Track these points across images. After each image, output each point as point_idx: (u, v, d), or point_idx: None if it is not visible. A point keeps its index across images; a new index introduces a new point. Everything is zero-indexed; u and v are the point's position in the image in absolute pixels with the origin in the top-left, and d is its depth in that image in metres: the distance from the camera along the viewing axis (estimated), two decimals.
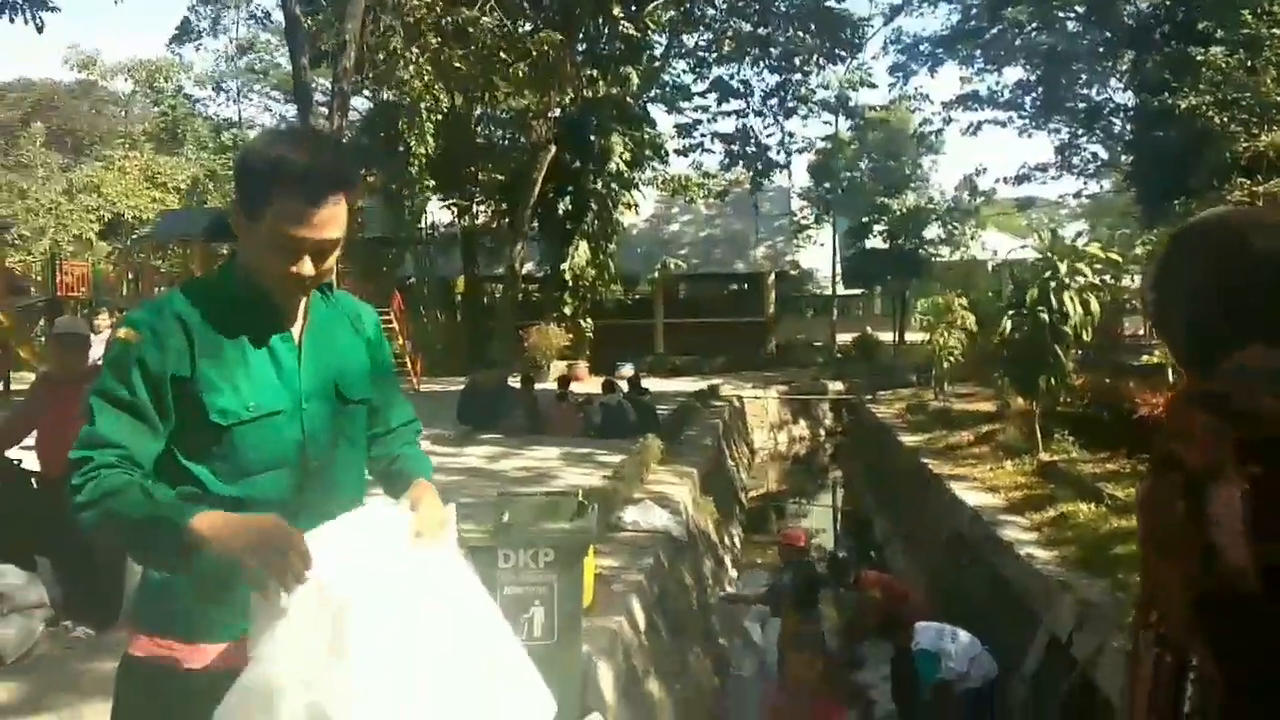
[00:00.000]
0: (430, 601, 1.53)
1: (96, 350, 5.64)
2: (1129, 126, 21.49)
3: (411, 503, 1.68)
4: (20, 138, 33.03)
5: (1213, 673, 1.11)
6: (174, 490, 1.55)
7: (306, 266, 1.60)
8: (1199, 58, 13.65)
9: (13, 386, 15.37)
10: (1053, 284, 9.20)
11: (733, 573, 9.61)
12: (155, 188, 30.88)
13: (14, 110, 35.92)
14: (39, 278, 20.81)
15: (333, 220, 1.59)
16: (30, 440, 4.73)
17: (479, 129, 22.88)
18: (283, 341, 1.67)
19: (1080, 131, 24.01)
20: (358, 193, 1.70)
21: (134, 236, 27.12)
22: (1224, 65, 13.32)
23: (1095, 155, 24.80)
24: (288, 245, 1.57)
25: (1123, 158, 22.77)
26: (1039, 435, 9.69)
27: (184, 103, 40.01)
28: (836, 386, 20.95)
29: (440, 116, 19.52)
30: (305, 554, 1.41)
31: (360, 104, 21.47)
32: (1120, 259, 10.66)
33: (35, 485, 4.67)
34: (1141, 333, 24.58)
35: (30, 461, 4.73)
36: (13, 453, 4.81)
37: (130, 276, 22.16)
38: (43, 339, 16.29)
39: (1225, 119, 12.95)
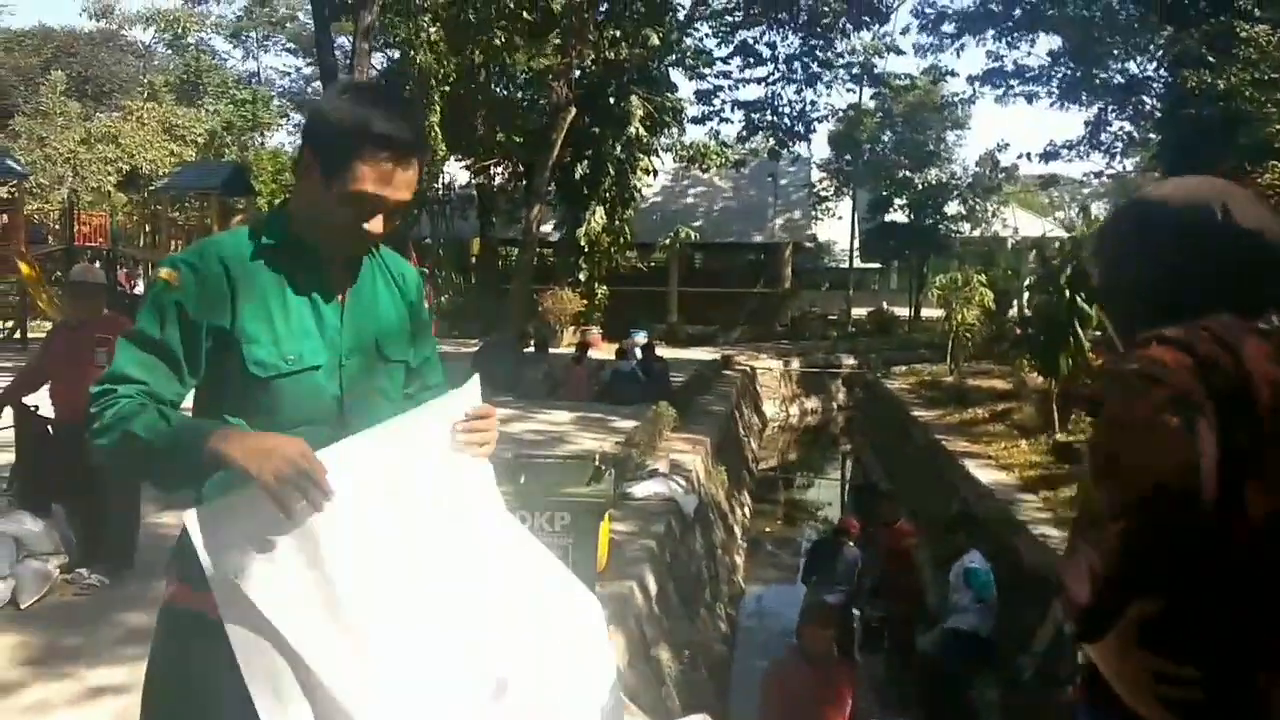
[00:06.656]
0: (452, 523, 1.64)
1: None
2: (1160, 104, 21.03)
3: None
4: (40, 85, 32.79)
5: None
6: None
7: (378, 225, 1.60)
8: (1241, 34, 13.23)
9: (29, 335, 15.44)
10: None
11: (741, 542, 9.60)
12: (173, 140, 30.70)
13: (34, 57, 35.66)
14: (56, 226, 20.75)
15: (411, 181, 1.61)
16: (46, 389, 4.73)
17: (497, 89, 22.59)
18: (326, 296, 1.65)
19: (1111, 108, 23.48)
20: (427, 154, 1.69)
21: (151, 188, 27.00)
22: (1266, 44, 12.92)
23: (1125, 132, 24.28)
24: (367, 204, 1.57)
25: (1151, 136, 22.31)
26: (1055, 414, 9.62)
27: (205, 54, 39.74)
28: (850, 361, 20.84)
29: (447, 88, 19.07)
30: (325, 486, 1.41)
31: (379, 60, 21.25)
32: None
33: (51, 431, 4.67)
34: None
35: (47, 408, 4.73)
36: (29, 399, 4.81)
37: (147, 229, 22.11)
38: (58, 289, 16.31)
39: (1261, 100, 12.58)
